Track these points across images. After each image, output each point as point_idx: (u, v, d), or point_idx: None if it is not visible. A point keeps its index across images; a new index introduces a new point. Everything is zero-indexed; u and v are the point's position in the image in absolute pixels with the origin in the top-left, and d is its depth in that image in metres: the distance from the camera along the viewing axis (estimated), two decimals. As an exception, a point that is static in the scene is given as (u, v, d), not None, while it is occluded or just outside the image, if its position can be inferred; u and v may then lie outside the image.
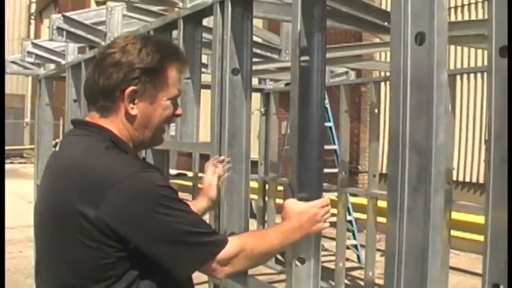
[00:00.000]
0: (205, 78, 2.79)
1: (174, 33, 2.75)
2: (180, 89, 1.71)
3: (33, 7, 30.46)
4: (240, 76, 2.08)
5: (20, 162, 23.34)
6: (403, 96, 1.28)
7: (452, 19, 7.84)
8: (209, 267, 1.56)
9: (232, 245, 1.58)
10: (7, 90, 28.63)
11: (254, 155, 7.94)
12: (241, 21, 2.08)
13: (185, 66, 1.75)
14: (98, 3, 20.62)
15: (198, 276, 1.68)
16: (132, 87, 1.58)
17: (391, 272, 1.30)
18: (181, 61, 1.68)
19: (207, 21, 2.64)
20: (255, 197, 7.60)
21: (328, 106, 7.51)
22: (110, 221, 1.47)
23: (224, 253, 1.56)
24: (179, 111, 1.73)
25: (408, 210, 1.28)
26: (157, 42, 1.67)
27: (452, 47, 7.64)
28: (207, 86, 2.56)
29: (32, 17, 30.58)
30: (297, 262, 1.71)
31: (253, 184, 6.71)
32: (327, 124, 7.49)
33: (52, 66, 5.58)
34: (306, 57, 1.69)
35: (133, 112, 1.61)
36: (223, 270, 1.58)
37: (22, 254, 7.67)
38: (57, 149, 1.76)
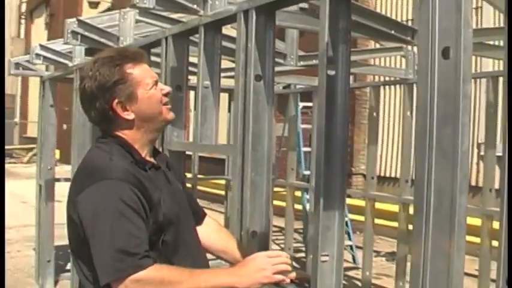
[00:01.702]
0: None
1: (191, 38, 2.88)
2: (152, 75, 1.96)
3: (24, 7, 30.39)
4: (263, 82, 2.19)
5: (10, 162, 23.27)
6: (430, 106, 1.40)
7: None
8: (117, 285, 1.68)
9: (148, 272, 1.70)
10: (-2, 90, 28.39)
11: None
12: (264, 30, 2.19)
13: (139, 58, 1.96)
14: (90, 4, 20.64)
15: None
16: (115, 101, 1.87)
17: (418, 265, 1.42)
18: (131, 59, 1.93)
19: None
20: (252, 198, 7.69)
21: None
22: (76, 213, 1.78)
23: (135, 277, 1.68)
24: (165, 89, 1.98)
25: (434, 210, 1.40)
26: (106, 57, 1.93)
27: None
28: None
29: (23, 17, 30.50)
30: (322, 258, 1.82)
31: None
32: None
33: (51, 67, 5.70)
34: (332, 67, 1.81)
35: (130, 117, 1.91)
36: None
37: (21, 253, 7.73)
38: None
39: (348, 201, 7.90)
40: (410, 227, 5.31)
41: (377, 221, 6.09)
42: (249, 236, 2.22)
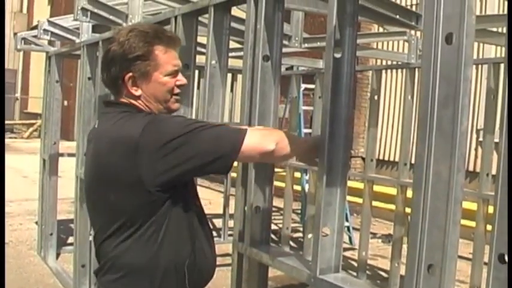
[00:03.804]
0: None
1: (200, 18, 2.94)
2: (175, 64, 1.99)
3: (27, -19, 30.23)
4: (270, 63, 2.26)
5: (11, 137, 23.34)
6: (432, 88, 1.47)
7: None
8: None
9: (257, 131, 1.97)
10: (-1, 65, 28.58)
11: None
12: (273, 12, 2.26)
13: (171, 44, 2.00)
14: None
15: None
16: (129, 74, 1.93)
17: (415, 238, 1.50)
18: (164, 42, 1.96)
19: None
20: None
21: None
22: (143, 151, 1.83)
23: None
24: (181, 81, 2.02)
25: (432, 186, 1.48)
26: (142, 31, 1.96)
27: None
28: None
29: (26, -9, 30.36)
30: (323, 232, 1.91)
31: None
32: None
33: (55, 43, 5.75)
34: (339, 49, 1.88)
35: (137, 93, 1.96)
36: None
37: (23, 226, 7.84)
38: (96, 125, 2.13)
39: (346, 183, 7.99)
40: (407, 209, 5.42)
41: (374, 203, 6.19)
42: (252, 211, 2.30)
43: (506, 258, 1.40)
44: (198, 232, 2.04)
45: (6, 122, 25.75)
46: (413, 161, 1.58)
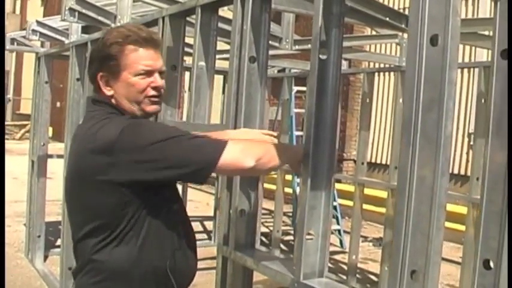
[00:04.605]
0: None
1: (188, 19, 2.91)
2: (147, 64, 1.93)
3: (20, -18, 30.12)
4: (257, 64, 2.23)
5: (2, 138, 23.20)
6: (416, 91, 1.45)
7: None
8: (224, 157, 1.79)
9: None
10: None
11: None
12: (260, 13, 2.23)
13: (145, 45, 1.94)
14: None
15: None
16: (100, 74, 1.95)
17: (398, 244, 1.48)
18: (137, 42, 1.92)
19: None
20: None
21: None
22: (119, 152, 1.82)
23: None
24: (155, 83, 1.95)
25: (416, 190, 1.45)
26: (120, 31, 1.95)
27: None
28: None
29: (19, -8, 30.25)
30: (307, 236, 1.88)
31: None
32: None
33: (46, 44, 5.70)
34: (324, 51, 1.86)
35: (109, 93, 1.96)
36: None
37: (11, 228, 7.76)
38: (81, 122, 2.14)
39: (338, 186, 7.98)
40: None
41: (365, 206, 6.17)
42: (237, 214, 2.27)
43: (491, 264, 1.38)
44: (180, 235, 2.02)
45: (-2, 122, 25.67)
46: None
